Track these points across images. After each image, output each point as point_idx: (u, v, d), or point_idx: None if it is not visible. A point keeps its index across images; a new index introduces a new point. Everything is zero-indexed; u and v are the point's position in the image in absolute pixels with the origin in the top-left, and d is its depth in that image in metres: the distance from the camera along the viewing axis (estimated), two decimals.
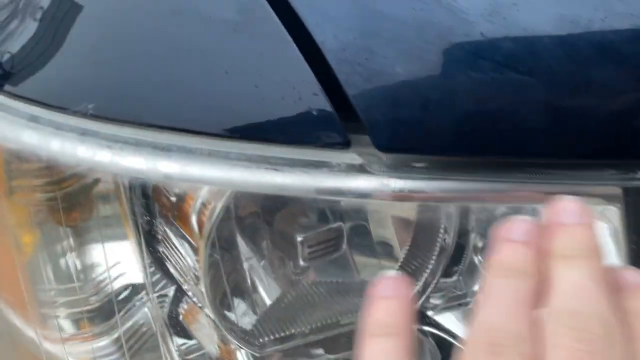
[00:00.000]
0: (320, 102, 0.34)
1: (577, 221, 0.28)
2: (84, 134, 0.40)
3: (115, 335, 0.54)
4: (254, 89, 0.35)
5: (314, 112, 0.34)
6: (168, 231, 0.50)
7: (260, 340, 0.49)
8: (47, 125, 0.41)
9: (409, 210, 0.48)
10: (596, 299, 0.26)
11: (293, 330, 0.50)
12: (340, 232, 0.48)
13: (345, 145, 0.34)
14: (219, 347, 0.55)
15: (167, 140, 0.37)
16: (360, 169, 0.35)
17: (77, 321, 0.54)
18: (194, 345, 0.56)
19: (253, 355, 0.53)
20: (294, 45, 0.35)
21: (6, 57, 0.44)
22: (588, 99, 0.31)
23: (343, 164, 0.35)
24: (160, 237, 0.51)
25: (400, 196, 0.35)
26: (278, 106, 0.35)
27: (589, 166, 0.33)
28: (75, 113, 0.40)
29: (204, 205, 0.44)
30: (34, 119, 0.42)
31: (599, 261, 0.27)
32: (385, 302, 0.29)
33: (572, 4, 0.33)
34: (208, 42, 0.37)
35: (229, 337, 0.49)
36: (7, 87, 0.43)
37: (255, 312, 0.52)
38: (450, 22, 0.33)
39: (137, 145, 0.38)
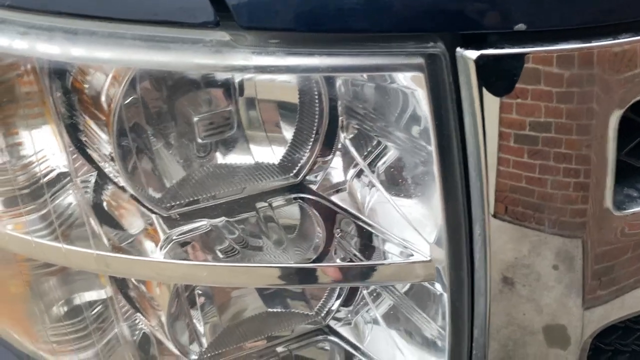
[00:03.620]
0: None
1: None
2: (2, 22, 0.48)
3: (43, 212, 0.63)
4: None
5: None
6: (88, 120, 0.59)
7: (168, 204, 0.59)
8: None
9: (292, 96, 0.58)
10: None
11: (197, 197, 0.60)
12: (231, 114, 0.59)
13: (215, 24, 0.44)
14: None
15: (75, 25, 0.46)
16: (228, 45, 0.45)
17: (9, 199, 0.62)
18: (122, 232, 0.65)
19: (166, 225, 0.63)
20: None
21: None
22: None
23: (214, 40, 0.45)
24: (81, 127, 0.60)
25: (260, 67, 0.45)
26: None
27: (397, 38, 0.44)
28: None
29: (111, 88, 0.52)
30: None
31: None
32: None
33: None
34: None
35: (143, 203, 0.59)
36: None
37: (165, 186, 0.62)
38: None
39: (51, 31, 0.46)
